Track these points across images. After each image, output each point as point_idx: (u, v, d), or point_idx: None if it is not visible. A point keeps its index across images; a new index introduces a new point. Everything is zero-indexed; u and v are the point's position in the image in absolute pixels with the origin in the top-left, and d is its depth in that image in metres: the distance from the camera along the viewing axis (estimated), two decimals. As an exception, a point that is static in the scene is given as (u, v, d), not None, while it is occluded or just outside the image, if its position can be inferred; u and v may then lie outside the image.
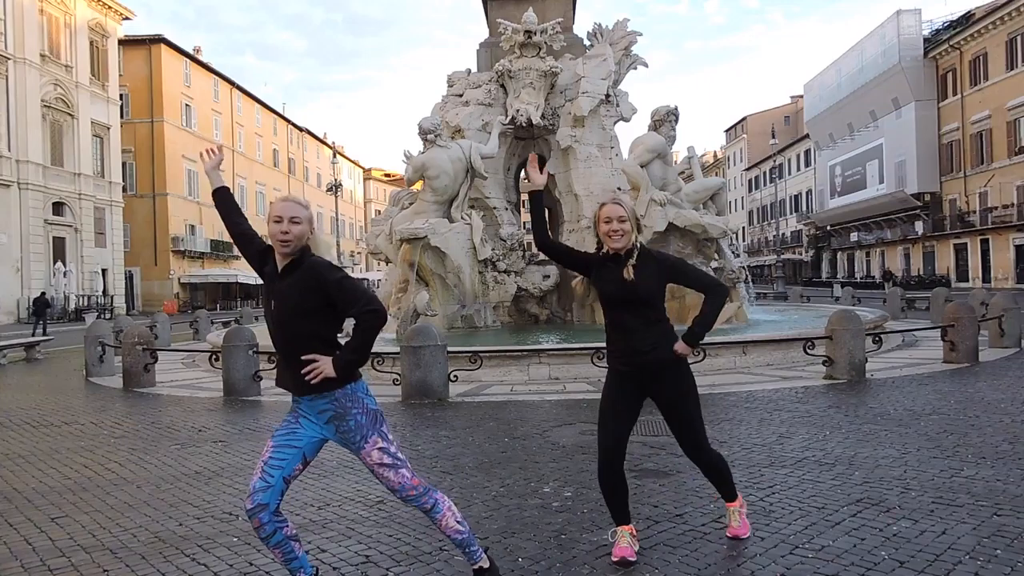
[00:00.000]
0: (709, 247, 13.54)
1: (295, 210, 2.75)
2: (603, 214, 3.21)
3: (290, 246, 2.72)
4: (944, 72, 43.36)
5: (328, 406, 2.74)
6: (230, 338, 9.28)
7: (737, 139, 77.97)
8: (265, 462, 2.72)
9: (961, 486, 4.18)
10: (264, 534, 2.69)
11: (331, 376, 2.65)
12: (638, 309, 3.19)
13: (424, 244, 12.84)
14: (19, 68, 32.84)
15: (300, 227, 2.73)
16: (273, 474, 2.69)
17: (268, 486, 2.68)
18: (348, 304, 2.68)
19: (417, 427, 6.63)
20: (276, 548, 2.73)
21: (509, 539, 3.57)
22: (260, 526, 2.67)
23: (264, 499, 2.66)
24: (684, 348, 3.18)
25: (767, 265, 60.80)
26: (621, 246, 3.18)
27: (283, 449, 2.74)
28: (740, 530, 3.45)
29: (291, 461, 2.73)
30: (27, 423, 7.54)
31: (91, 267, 37.43)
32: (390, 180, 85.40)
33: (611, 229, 3.17)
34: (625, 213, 3.17)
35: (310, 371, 2.64)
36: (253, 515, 2.66)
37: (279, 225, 2.71)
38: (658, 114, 13.66)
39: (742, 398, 7.49)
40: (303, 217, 2.74)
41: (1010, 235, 37.02)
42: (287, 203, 2.78)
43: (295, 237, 2.71)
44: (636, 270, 3.16)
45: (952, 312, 9.84)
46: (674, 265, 3.35)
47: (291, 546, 2.75)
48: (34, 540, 3.83)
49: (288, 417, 2.84)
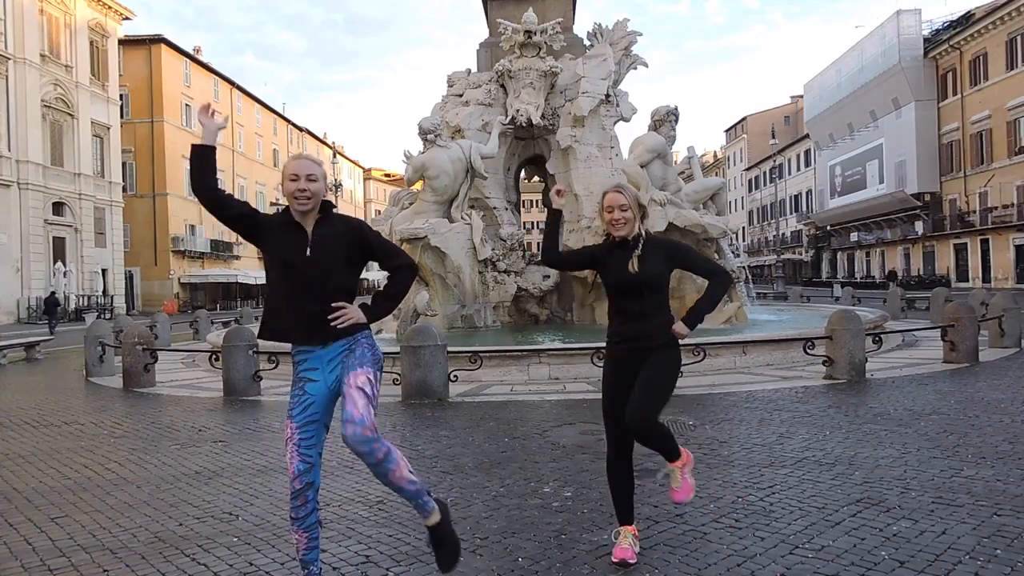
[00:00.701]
0: (709, 247, 13.54)
1: (310, 167, 2.76)
2: (605, 203, 3.26)
3: (310, 203, 2.74)
4: (944, 72, 43.36)
5: (343, 347, 2.77)
6: (230, 338, 9.28)
7: (737, 139, 77.97)
8: (298, 444, 2.72)
9: (961, 486, 4.18)
10: (303, 513, 2.71)
11: (361, 321, 2.73)
12: (643, 296, 3.21)
13: (424, 244, 12.84)
14: (19, 68, 32.83)
15: (317, 184, 2.75)
16: (311, 453, 2.73)
17: (310, 466, 2.72)
18: (389, 257, 2.82)
19: (417, 427, 6.63)
20: (306, 532, 2.74)
21: (509, 539, 3.57)
22: (305, 503, 2.70)
23: (311, 477, 2.71)
24: (682, 328, 3.20)
25: (767, 265, 60.78)
26: (625, 233, 3.22)
27: (307, 427, 2.74)
28: (683, 492, 3.22)
29: (318, 435, 2.77)
30: (27, 423, 7.53)
31: (91, 267, 37.43)
32: (390, 180, 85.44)
33: (613, 218, 3.22)
34: (626, 201, 3.22)
35: (338, 317, 2.67)
36: (300, 494, 2.69)
37: (296, 183, 2.72)
38: (658, 114, 13.67)
39: (742, 398, 7.49)
40: (318, 175, 2.77)
41: (1010, 235, 37.03)
42: (302, 160, 2.79)
43: (313, 194, 2.74)
44: (641, 259, 3.19)
45: (952, 312, 9.84)
46: (681, 250, 3.41)
47: (317, 532, 2.79)
48: (34, 540, 3.82)
49: (294, 391, 2.80)
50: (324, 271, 2.72)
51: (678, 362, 3.29)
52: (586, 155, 14.29)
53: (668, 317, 3.26)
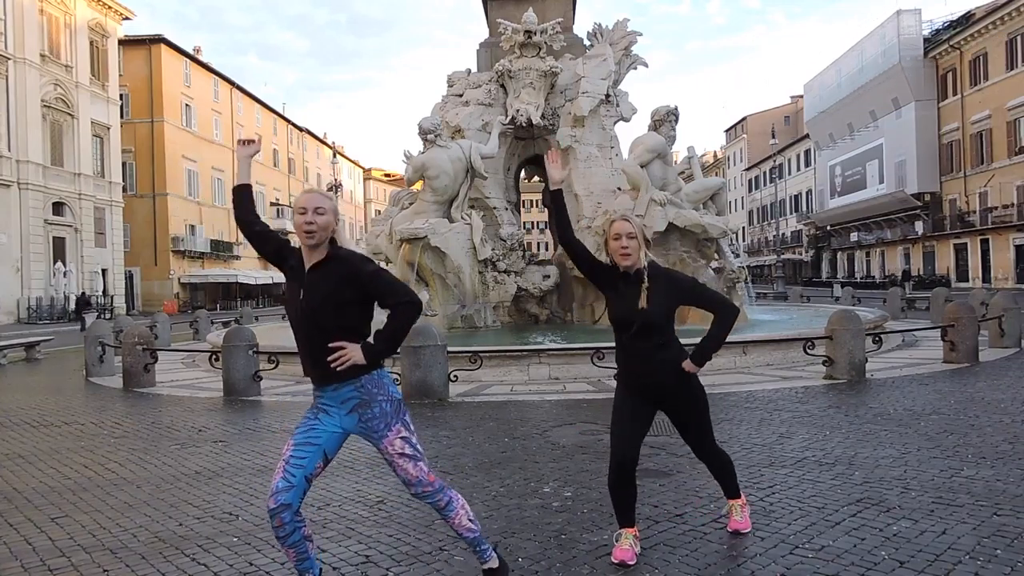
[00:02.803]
0: (709, 247, 13.54)
1: (319, 201, 2.75)
2: (612, 231, 3.25)
3: (315, 236, 2.71)
4: (944, 72, 43.36)
5: (353, 393, 2.73)
6: (230, 338, 9.28)
7: (737, 139, 77.98)
8: (287, 461, 2.69)
9: (961, 486, 4.18)
10: (283, 533, 2.66)
11: (359, 363, 2.66)
12: (646, 334, 3.21)
13: (424, 244, 12.84)
14: (19, 68, 32.83)
15: (325, 217, 2.72)
16: (295, 473, 2.67)
17: (291, 486, 2.66)
18: (384, 295, 2.71)
19: (417, 427, 6.56)
20: (291, 548, 2.71)
21: (509, 539, 3.57)
22: (281, 525, 2.64)
23: (287, 499, 2.64)
24: (691, 367, 3.23)
25: (767, 265, 60.81)
26: (630, 263, 3.22)
27: (304, 447, 2.71)
28: (742, 524, 3.51)
29: (312, 459, 2.71)
30: (27, 423, 7.53)
31: (91, 267, 37.42)
32: (390, 180, 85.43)
33: (621, 246, 3.20)
34: (634, 230, 3.22)
35: (337, 358, 2.64)
36: (275, 515, 2.64)
37: (303, 216, 2.71)
38: (658, 114, 13.66)
39: (742, 398, 7.49)
40: (327, 208, 2.74)
41: (1010, 235, 37.03)
42: (311, 195, 2.78)
43: (320, 228, 2.71)
44: (650, 294, 3.18)
45: (952, 312, 9.84)
46: (686, 287, 3.34)
47: (306, 546, 2.74)
48: (34, 540, 3.83)
49: (307, 413, 2.82)
50: (316, 315, 2.69)
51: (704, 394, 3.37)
52: (586, 155, 14.29)
53: (677, 352, 3.26)
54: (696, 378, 3.33)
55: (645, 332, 3.20)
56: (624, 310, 3.22)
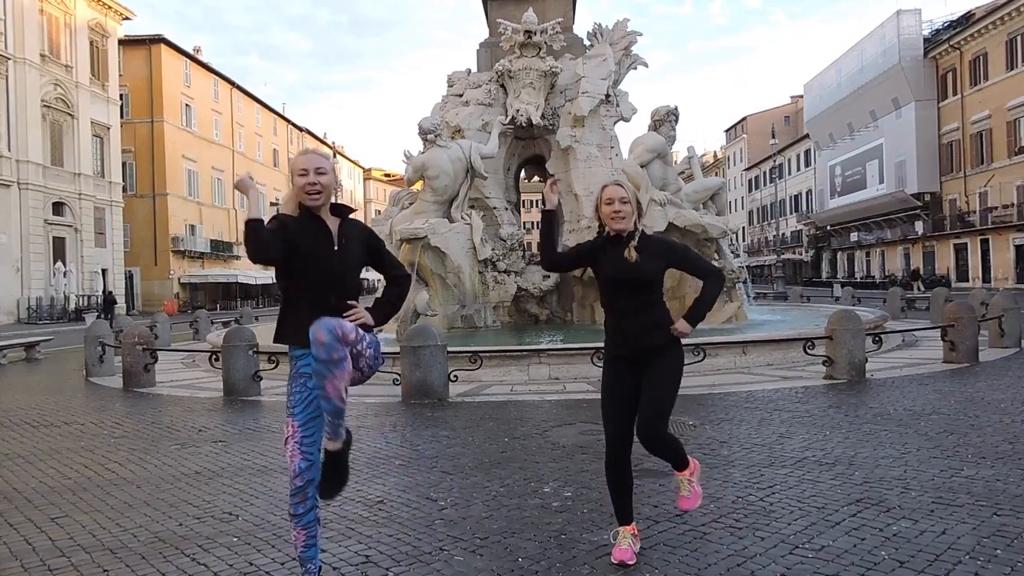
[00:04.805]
0: (709, 247, 13.54)
1: (319, 161, 2.77)
2: (605, 195, 3.24)
3: (320, 197, 2.75)
4: (944, 72, 43.35)
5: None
6: (230, 338, 9.28)
7: (737, 139, 77.96)
8: (299, 442, 2.73)
9: (961, 486, 4.18)
10: (302, 510, 2.73)
11: (370, 323, 2.78)
12: (635, 292, 3.20)
13: (424, 244, 12.84)
14: (19, 68, 32.82)
15: (327, 177, 2.76)
16: (313, 450, 2.74)
17: (312, 463, 2.73)
18: (389, 264, 2.98)
19: (417, 427, 6.63)
20: (305, 528, 2.76)
21: (509, 539, 3.57)
22: (304, 500, 2.72)
23: (313, 474, 2.72)
24: (684, 326, 3.19)
25: (767, 265, 60.81)
26: (623, 227, 3.21)
27: (309, 424, 2.76)
28: (691, 500, 3.36)
29: (319, 431, 2.77)
30: (27, 423, 7.53)
31: (91, 267, 37.41)
32: (390, 180, 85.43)
33: (613, 210, 3.20)
34: (627, 195, 3.22)
35: (353, 314, 2.73)
36: (301, 491, 2.71)
37: (305, 177, 2.73)
38: (658, 114, 13.66)
39: (742, 398, 7.49)
40: (327, 168, 2.77)
41: (1010, 235, 37.01)
42: (309, 155, 2.80)
43: (324, 187, 2.75)
44: (639, 251, 3.19)
45: (952, 312, 9.84)
46: (677, 248, 3.40)
47: (316, 530, 2.81)
48: (34, 540, 3.82)
49: (294, 387, 2.77)
50: (350, 268, 2.83)
51: (680, 364, 3.28)
52: (586, 155, 14.29)
53: (665, 314, 3.26)
54: (679, 349, 3.27)
55: (635, 288, 3.19)
56: (614, 267, 3.21)
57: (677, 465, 3.31)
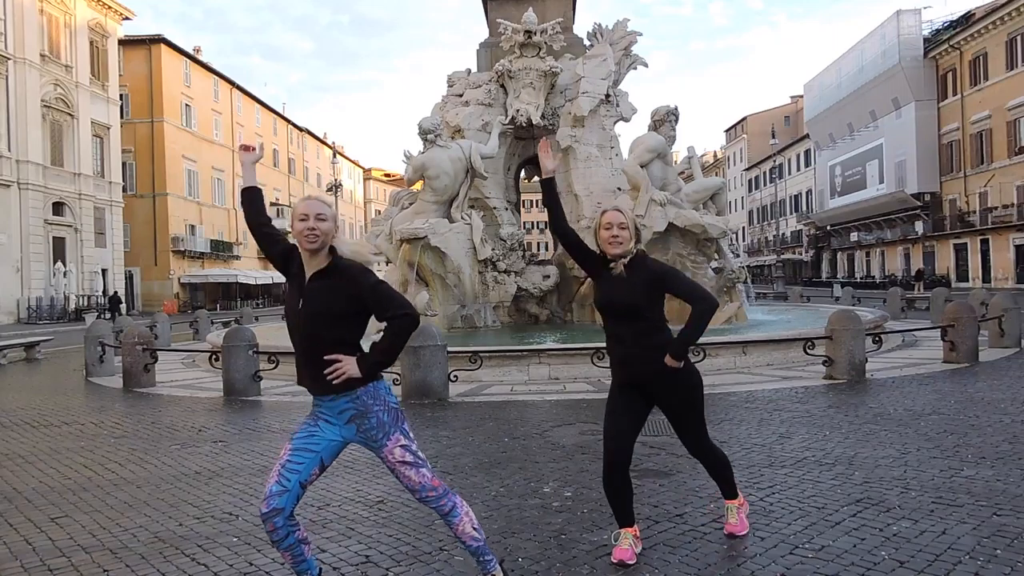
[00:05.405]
0: (709, 247, 13.54)
1: (320, 207, 2.77)
2: (604, 220, 3.24)
3: (317, 242, 2.73)
4: (944, 72, 43.35)
5: (348, 405, 2.72)
6: (230, 338, 9.28)
7: (737, 139, 77.95)
8: (283, 465, 2.69)
9: (961, 486, 4.18)
10: (276, 538, 2.66)
11: (355, 376, 2.65)
12: (628, 320, 3.22)
13: (424, 244, 12.84)
14: (19, 68, 32.82)
15: (326, 224, 2.74)
16: (290, 478, 2.67)
17: (284, 490, 2.65)
18: (382, 308, 2.70)
19: (417, 427, 6.62)
20: (287, 552, 2.71)
21: (509, 539, 3.57)
22: (274, 530, 2.64)
23: (280, 503, 2.63)
24: (671, 361, 3.19)
25: (767, 265, 60.83)
26: (619, 253, 3.21)
27: (301, 453, 2.71)
28: (737, 527, 3.49)
29: (308, 465, 2.71)
30: (27, 423, 7.53)
31: (91, 267, 37.41)
32: (390, 180, 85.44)
33: (611, 235, 3.19)
34: (626, 220, 3.22)
35: (333, 371, 2.64)
36: (268, 519, 2.63)
37: (305, 223, 2.72)
38: (658, 114, 13.66)
39: (742, 398, 7.49)
40: (328, 215, 2.76)
41: (1010, 235, 37.02)
42: (311, 201, 2.80)
43: (322, 233, 2.73)
44: (627, 272, 3.20)
45: (952, 312, 9.84)
46: (665, 274, 3.30)
47: (301, 549, 2.74)
48: (34, 540, 3.83)
49: (307, 420, 2.81)
50: (313, 326, 2.69)
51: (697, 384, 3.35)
52: (586, 155, 14.29)
53: (661, 335, 3.24)
54: (686, 372, 3.28)
55: (627, 316, 3.21)
56: (606, 295, 3.25)
57: (725, 491, 3.52)
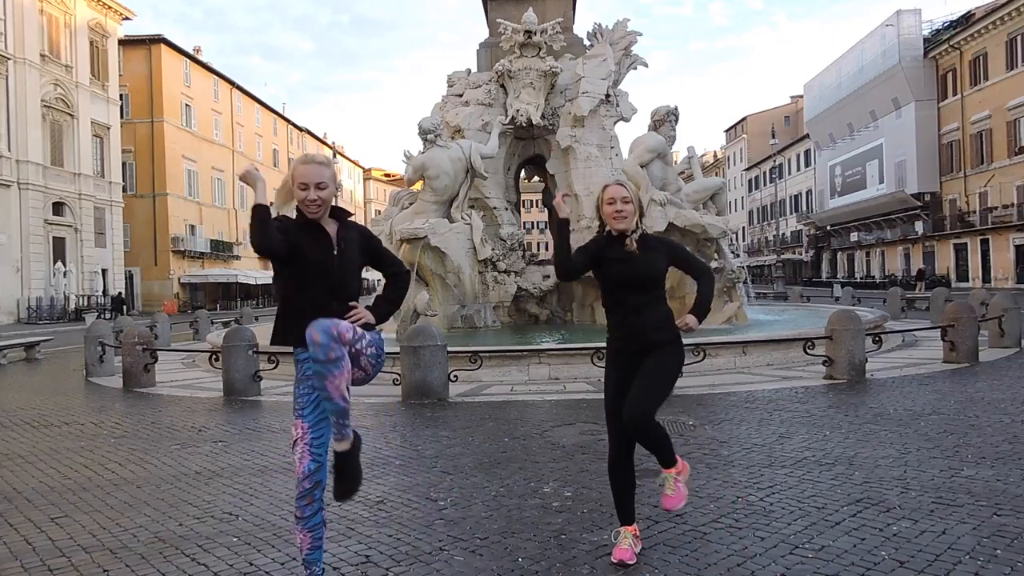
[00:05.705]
0: (709, 247, 13.54)
1: (320, 174, 2.78)
2: (607, 195, 3.25)
3: (320, 211, 2.81)
4: (944, 72, 43.35)
5: None
6: (230, 338, 9.28)
7: (737, 139, 77.95)
8: (309, 444, 2.74)
9: (961, 486, 4.18)
10: (309, 512, 2.74)
11: (371, 321, 2.83)
12: (641, 287, 3.22)
13: (424, 244, 12.84)
14: (19, 68, 32.81)
15: (327, 191, 2.80)
16: (321, 452, 2.77)
17: (320, 465, 2.76)
18: (388, 263, 3.05)
19: (417, 427, 6.63)
20: (311, 531, 2.77)
21: (509, 539, 3.57)
22: (312, 503, 2.73)
23: (321, 476, 2.75)
24: (694, 321, 3.20)
25: (767, 265, 60.79)
26: (625, 227, 3.22)
27: (319, 426, 2.77)
28: (674, 498, 3.24)
29: (327, 432, 2.78)
30: (27, 423, 7.53)
31: (91, 267, 37.40)
32: (390, 180, 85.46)
33: (615, 210, 3.21)
34: (629, 194, 3.23)
35: (354, 315, 2.77)
36: (309, 494, 2.72)
37: (306, 192, 2.77)
38: (658, 114, 13.67)
39: (742, 398, 7.49)
40: (328, 180, 2.81)
41: (1010, 235, 37.02)
42: (310, 167, 2.80)
43: (324, 200, 2.80)
44: (639, 247, 3.21)
45: (952, 312, 9.84)
46: (676, 247, 3.46)
47: (322, 532, 2.83)
48: (34, 540, 3.82)
49: (302, 390, 2.78)
50: (350, 272, 2.87)
51: (680, 360, 3.29)
52: (586, 155, 14.29)
53: (668, 311, 3.29)
54: (680, 346, 3.28)
55: (643, 288, 3.21)
56: (615, 264, 3.23)
57: (663, 460, 3.23)
